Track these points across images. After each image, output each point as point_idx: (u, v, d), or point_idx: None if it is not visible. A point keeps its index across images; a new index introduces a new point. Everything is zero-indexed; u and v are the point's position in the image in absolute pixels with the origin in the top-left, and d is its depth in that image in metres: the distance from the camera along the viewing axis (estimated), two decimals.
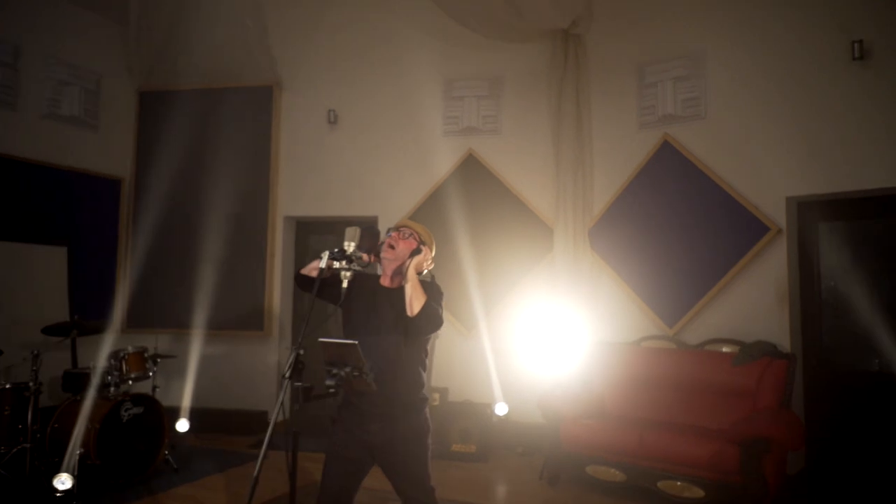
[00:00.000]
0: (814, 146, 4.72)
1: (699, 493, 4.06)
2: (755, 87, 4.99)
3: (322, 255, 2.48)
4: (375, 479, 3.18)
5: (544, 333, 5.62)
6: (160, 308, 6.38)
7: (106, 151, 6.50)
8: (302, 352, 2.28)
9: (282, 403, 2.26)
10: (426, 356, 2.70)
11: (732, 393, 4.57)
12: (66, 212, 6.06)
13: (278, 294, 6.52)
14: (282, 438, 5.77)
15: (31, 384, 4.34)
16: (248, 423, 6.27)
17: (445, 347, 5.84)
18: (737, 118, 5.08)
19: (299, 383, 2.25)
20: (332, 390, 2.38)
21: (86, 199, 6.28)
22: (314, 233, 6.82)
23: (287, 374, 2.24)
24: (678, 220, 5.30)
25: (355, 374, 2.36)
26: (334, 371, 2.38)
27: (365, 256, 2.56)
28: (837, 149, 4.63)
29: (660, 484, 4.21)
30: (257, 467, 2.10)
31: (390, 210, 6.20)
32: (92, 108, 6.34)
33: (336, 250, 2.47)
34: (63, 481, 4.06)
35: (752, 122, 5.00)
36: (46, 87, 5.96)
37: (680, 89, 5.32)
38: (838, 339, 4.84)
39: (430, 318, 2.55)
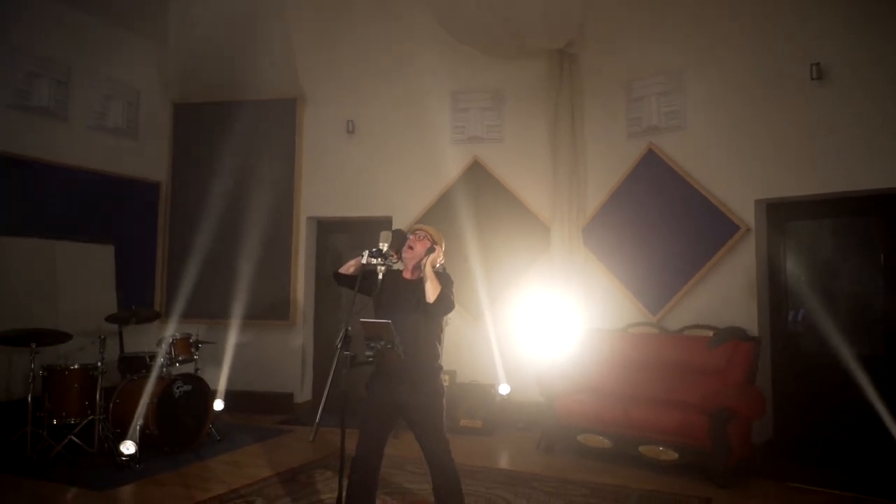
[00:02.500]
0: (779, 155, 5.35)
1: (674, 455, 4.72)
2: (728, 102, 5.63)
3: (363, 253, 3.15)
4: (394, 448, 3.84)
5: (542, 321, 6.26)
6: (196, 300, 7.01)
7: (145, 158, 7.19)
8: (350, 328, 2.94)
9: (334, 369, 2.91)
10: (441, 332, 3.38)
11: (706, 371, 5.21)
12: (111, 213, 6.73)
13: (302, 287, 7.18)
14: (307, 415, 6.49)
15: (99, 364, 5.02)
16: (275, 404, 6.94)
17: (454, 334, 6.49)
18: (712, 129, 5.72)
19: (347, 352, 2.92)
20: (370, 359, 3.06)
21: (128, 202, 6.96)
22: (334, 232, 7.47)
23: (339, 345, 2.90)
24: (661, 220, 5.93)
25: (388, 346, 3.03)
26: (372, 344, 3.05)
27: (395, 255, 3.23)
28: (799, 157, 5.25)
29: (641, 448, 4.87)
30: (318, 413, 2.77)
31: (403, 211, 6.85)
32: (133, 120, 7.02)
33: (374, 249, 3.15)
34: (128, 447, 4.77)
35: (725, 132, 5.63)
36: (93, 101, 6.63)
37: (663, 103, 5.95)
38: (802, 325, 5.47)
39: (444, 303, 3.23)
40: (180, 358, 5.57)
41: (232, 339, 6.89)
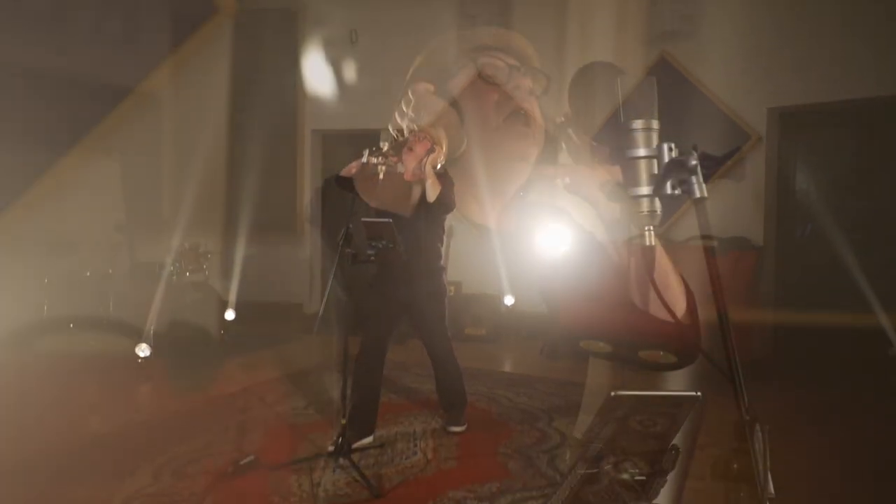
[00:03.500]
0: (793, 62, 5.16)
1: (672, 359, 4.80)
2: (743, 5, 5.39)
3: (364, 152, 3.13)
4: (400, 353, 3.94)
5: (549, 234, 6.27)
6: (203, 212, 7.03)
7: (146, 70, 7.04)
8: (351, 226, 2.97)
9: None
10: (443, 233, 3.41)
11: (708, 280, 5.24)
12: (116, 126, 6.66)
13: (308, 199, 7.20)
14: (313, 324, 6.42)
15: (110, 271, 5.12)
16: (284, 314, 7.09)
17: (460, 246, 6.50)
18: (725, 35, 5.48)
19: (349, 249, 2.96)
20: (371, 258, 3.10)
21: (132, 115, 6.87)
22: (339, 145, 7.38)
23: (340, 242, 2.94)
24: (670, 129, 5.81)
25: (390, 245, 3.06)
26: (374, 244, 3.08)
27: (395, 158, 3.21)
28: (814, 64, 5.07)
29: (641, 353, 4.95)
30: (321, 306, 2.84)
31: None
32: (132, 29, 6.84)
33: (374, 148, 3.12)
34: (143, 349, 4.93)
35: (739, 36, 5.41)
36: (91, 9, 6.45)
37: (677, 6, 5.72)
38: (810, 237, 5.44)
39: (445, 203, 3.23)
40: (190, 268, 5.67)
41: (240, 251, 6.94)
